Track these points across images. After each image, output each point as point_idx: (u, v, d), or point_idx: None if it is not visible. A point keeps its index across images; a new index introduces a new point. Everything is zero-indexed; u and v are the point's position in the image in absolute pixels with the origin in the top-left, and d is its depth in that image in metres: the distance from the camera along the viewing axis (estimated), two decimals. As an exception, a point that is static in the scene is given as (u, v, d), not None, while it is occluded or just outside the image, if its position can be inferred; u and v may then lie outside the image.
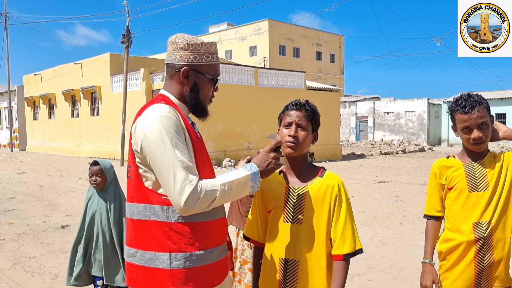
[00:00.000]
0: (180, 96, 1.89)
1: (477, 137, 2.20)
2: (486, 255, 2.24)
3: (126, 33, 19.75)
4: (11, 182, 13.43)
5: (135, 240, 1.81)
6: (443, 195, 2.39)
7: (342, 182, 1.95)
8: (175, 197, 1.65)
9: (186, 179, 1.64)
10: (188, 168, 1.67)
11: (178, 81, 1.87)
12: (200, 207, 1.68)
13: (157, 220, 1.74)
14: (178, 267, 1.72)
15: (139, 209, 1.78)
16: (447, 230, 2.37)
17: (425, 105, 35.89)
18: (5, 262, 5.54)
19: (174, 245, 1.73)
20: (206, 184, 1.69)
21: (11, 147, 31.13)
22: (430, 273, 2.36)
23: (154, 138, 1.70)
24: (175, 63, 1.86)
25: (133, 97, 20.51)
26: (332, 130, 22.83)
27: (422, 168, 17.72)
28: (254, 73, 20.90)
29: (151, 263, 1.75)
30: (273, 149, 1.86)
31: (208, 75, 1.89)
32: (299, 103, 1.98)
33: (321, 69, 48.45)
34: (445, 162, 2.39)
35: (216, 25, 50.82)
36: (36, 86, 29.77)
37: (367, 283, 4.71)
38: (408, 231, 7.06)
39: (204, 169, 1.81)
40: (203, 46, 1.87)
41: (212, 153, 18.93)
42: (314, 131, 1.99)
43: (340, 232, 1.88)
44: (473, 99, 2.21)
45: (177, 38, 1.87)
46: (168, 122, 1.71)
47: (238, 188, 1.76)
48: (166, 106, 1.77)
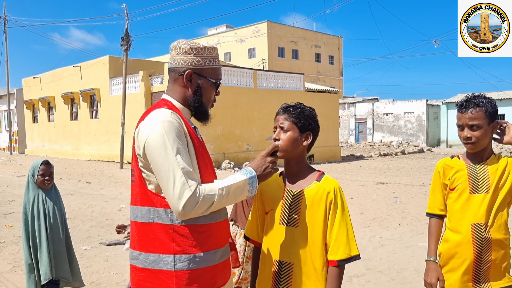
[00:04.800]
0: (183, 100, 1.91)
1: (465, 136, 2.29)
2: (485, 256, 2.27)
3: (125, 36, 19.78)
4: (11, 185, 13.43)
5: (138, 243, 1.83)
6: (446, 194, 2.43)
7: (339, 188, 1.95)
8: (174, 201, 1.68)
9: (185, 184, 1.67)
10: (188, 173, 1.70)
11: (181, 85, 1.90)
12: (198, 211, 1.71)
13: (161, 222, 1.77)
14: (182, 269, 1.75)
15: (143, 212, 1.81)
16: (448, 230, 2.41)
17: (424, 106, 35.92)
18: (5, 265, 5.56)
19: (178, 247, 1.76)
20: (204, 189, 1.72)
21: (10, 150, 31.12)
22: (434, 270, 2.39)
23: (155, 143, 1.72)
24: (178, 67, 1.89)
25: (132, 99, 20.53)
26: (331, 131, 22.84)
27: (421, 169, 17.74)
28: (253, 75, 20.93)
29: (155, 265, 1.77)
30: (270, 153, 1.89)
31: (210, 78, 1.92)
32: (285, 106, 2.00)
33: (320, 71, 48.48)
34: (449, 162, 2.43)
35: (215, 27, 50.87)
36: (35, 89, 29.79)
37: (366, 284, 4.73)
38: (407, 232, 7.08)
39: (207, 172, 1.84)
40: (206, 51, 1.91)
41: (212, 155, 18.86)
42: (304, 132, 1.96)
43: (334, 238, 1.88)
44: (474, 101, 2.28)
45: (180, 43, 1.91)
46: (170, 127, 1.74)
47: (235, 192, 1.79)
48: (169, 111, 1.80)
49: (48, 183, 3.58)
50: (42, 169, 3.55)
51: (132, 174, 1.89)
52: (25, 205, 3.58)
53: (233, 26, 48.82)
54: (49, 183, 3.58)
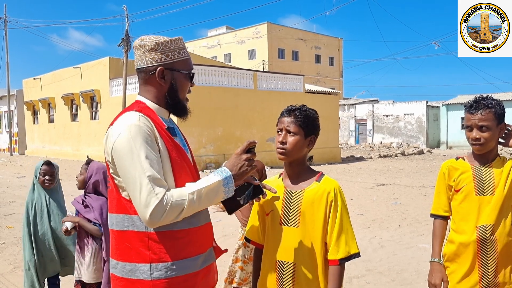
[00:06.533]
0: (158, 99, 1.83)
1: (474, 137, 2.29)
2: (490, 258, 2.27)
3: (126, 37, 19.82)
4: (11, 186, 13.43)
5: (115, 252, 1.78)
6: (450, 196, 2.44)
7: (339, 188, 1.96)
8: (141, 209, 1.61)
9: (152, 192, 1.60)
10: (155, 180, 1.62)
11: (154, 84, 1.82)
12: (167, 219, 1.63)
13: (135, 230, 1.71)
14: (160, 278, 1.69)
15: (117, 220, 1.75)
16: (452, 231, 2.41)
17: (424, 107, 35.93)
18: (6, 265, 5.56)
19: (154, 255, 1.69)
20: (173, 195, 1.63)
21: (10, 151, 31.14)
22: (439, 271, 2.39)
23: (122, 148, 1.66)
24: (148, 66, 1.80)
25: (132, 100, 20.22)
26: (331, 133, 22.86)
27: (421, 170, 17.74)
28: (253, 76, 20.96)
29: (131, 274, 1.71)
30: (245, 151, 1.80)
31: (183, 71, 1.84)
32: (290, 109, 1.99)
33: (320, 72, 48.50)
34: (454, 163, 2.44)
35: (215, 28, 50.91)
36: (35, 90, 29.80)
37: (366, 286, 4.73)
38: (407, 233, 7.09)
39: (182, 176, 1.76)
40: (173, 43, 1.82)
41: (211, 157, 18.95)
42: (309, 136, 1.98)
43: (335, 237, 1.89)
44: (483, 102, 2.29)
45: (143, 41, 1.82)
46: (137, 131, 1.66)
47: (208, 195, 1.69)
48: (137, 114, 1.72)
49: (49, 183, 3.59)
50: (43, 169, 3.59)
51: (107, 181, 1.83)
52: (28, 204, 3.62)
53: (233, 28, 48.87)
54: (50, 183, 3.60)
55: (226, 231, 7.10)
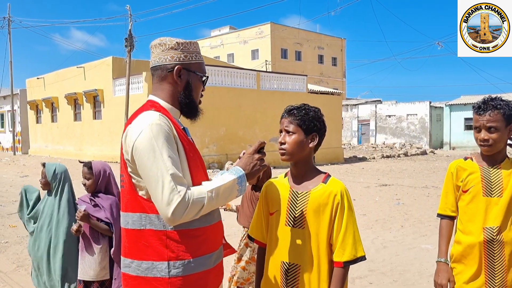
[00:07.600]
0: (171, 98, 1.86)
1: (482, 138, 2.28)
2: (497, 259, 2.26)
3: (129, 37, 19.86)
4: (14, 185, 13.47)
5: (129, 250, 1.79)
6: (458, 196, 2.43)
7: (345, 189, 1.94)
8: (163, 207, 1.63)
9: (175, 190, 1.62)
10: (177, 178, 1.65)
11: (170, 82, 1.85)
12: (188, 216, 1.66)
13: (153, 229, 1.73)
14: (177, 275, 1.72)
15: (134, 219, 1.76)
16: (459, 232, 2.40)
17: (427, 108, 35.84)
18: (9, 264, 5.58)
19: (172, 253, 1.72)
20: (193, 193, 1.67)
21: (14, 150, 31.22)
22: (445, 271, 2.39)
23: (144, 147, 1.67)
24: (166, 64, 1.83)
25: (135, 100, 20.51)
26: (334, 133, 22.84)
27: (424, 171, 17.70)
28: (256, 76, 20.96)
29: (148, 272, 1.73)
30: (257, 151, 1.84)
31: (198, 73, 1.89)
32: (289, 109, 1.99)
33: (323, 73, 48.47)
34: (463, 164, 2.42)
35: (218, 28, 50.96)
36: (38, 90, 29.88)
37: (368, 286, 4.73)
38: (409, 234, 7.08)
39: (198, 174, 1.80)
40: (192, 45, 1.88)
41: (214, 157, 18.96)
42: (309, 134, 1.95)
43: (341, 240, 1.88)
44: (492, 103, 2.27)
45: (163, 40, 1.86)
46: (159, 130, 1.69)
47: (225, 193, 1.74)
48: (157, 113, 1.75)
49: (41, 185, 3.53)
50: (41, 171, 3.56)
51: (121, 180, 1.84)
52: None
53: (236, 28, 48.90)
54: (42, 185, 3.52)
55: (228, 231, 7.09)
